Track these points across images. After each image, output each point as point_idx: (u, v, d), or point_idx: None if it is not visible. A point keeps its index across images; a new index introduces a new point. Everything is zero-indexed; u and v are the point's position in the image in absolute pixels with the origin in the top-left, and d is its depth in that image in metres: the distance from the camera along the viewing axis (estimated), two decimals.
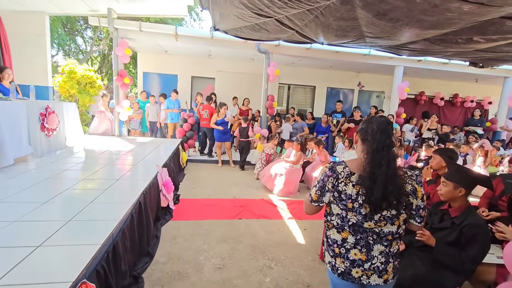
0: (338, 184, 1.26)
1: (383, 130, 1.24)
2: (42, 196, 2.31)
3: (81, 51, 15.74)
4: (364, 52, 7.04)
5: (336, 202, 1.27)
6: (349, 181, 1.24)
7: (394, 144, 1.25)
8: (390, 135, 1.24)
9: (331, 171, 1.29)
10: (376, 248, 1.26)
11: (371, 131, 1.25)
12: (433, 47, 4.42)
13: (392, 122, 1.29)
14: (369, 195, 1.19)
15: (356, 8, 3.16)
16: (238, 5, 3.53)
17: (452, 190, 1.74)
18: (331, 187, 1.27)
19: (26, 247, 1.56)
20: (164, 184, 3.41)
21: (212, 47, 6.96)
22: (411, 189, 1.24)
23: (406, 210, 1.24)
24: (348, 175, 1.25)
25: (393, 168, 1.20)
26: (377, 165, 1.19)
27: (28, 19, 5.65)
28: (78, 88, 6.60)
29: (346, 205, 1.24)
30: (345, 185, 1.24)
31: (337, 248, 1.31)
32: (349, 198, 1.23)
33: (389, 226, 1.24)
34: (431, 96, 10.59)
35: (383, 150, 1.21)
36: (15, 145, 3.13)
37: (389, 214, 1.22)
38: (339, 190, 1.25)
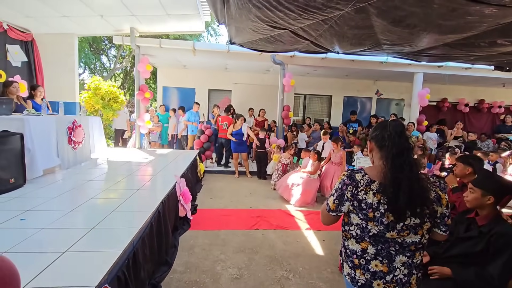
0: (358, 192, 1.20)
1: (401, 133, 1.20)
2: (68, 205, 2.42)
3: (105, 68, 16.65)
4: (381, 59, 6.95)
5: (355, 211, 1.21)
6: (370, 189, 1.18)
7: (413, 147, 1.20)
8: (407, 138, 1.21)
9: (349, 179, 1.23)
10: (398, 259, 1.19)
11: (388, 135, 1.20)
12: (454, 52, 4.29)
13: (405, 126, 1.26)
14: (394, 202, 1.13)
15: (371, 16, 3.16)
16: (253, 18, 3.63)
17: (479, 198, 1.65)
18: (350, 195, 1.21)
19: (54, 252, 1.63)
20: (182, 194, 3.47)
21: (228, 60, 7.14)
22: (435, 196, 1.18)
23: (430, 219, 1.18)
24: (368, 183, 1.20)
25: (416, 172, 1.16)
26: (399, 169, 1.14)
27: (59, 40, 6.10)
28: (103, 103, 6.96)
29: (366, 215, 1.18)
30: (365, 193, 1.18)
31: (357, 259, 1.24)
32: (369, 207, 1.17)
33: (412, 235, 1.18)
34: (455, 103, 10.19)
35: (403, 153, 1.16)
36: (44, 157, 3.32)
37: (412, 223, 1.15)
38: (359, 199, 1.19)
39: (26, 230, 1.91)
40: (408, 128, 6.92)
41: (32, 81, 5.71)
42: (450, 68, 7.26)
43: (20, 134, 2.89)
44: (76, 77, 6.43)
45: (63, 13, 5.06)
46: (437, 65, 7.08)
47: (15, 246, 1.68)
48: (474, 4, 2.38)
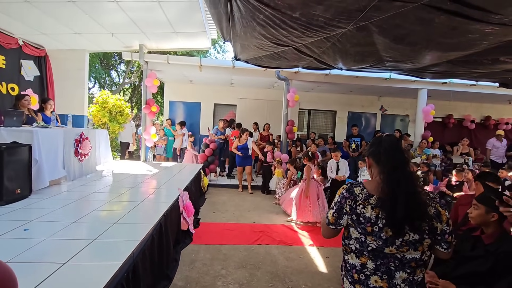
0: (356, 206, 1.20)
1: (395, 148, 1.23)
2: (72, 216, 2.43)
3: (115, 83, 17.10)
4: (385, 76, 7.02)
5: (354, 225, 1.20)
6: (368, 203, 1.18)
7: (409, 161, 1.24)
8: (402, 152, 1.23)
9: (348, 193, 1.23)
10: (398, 275, 1.17)
11: (383, 151, 1.23)
12: (457, 69, 4.32)
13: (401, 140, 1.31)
14: (392, 216, 1.12)
15: (372, 34, 3.22)
16: (257, 36, 3.73)
17: (483, 214, 1.61)
18: (348, 209, 1.21)
19: (54, 263, 1.63)
20: (184, 207, 3.46)
21: (233, 75, 7.29)
22: (434, 212, 1.17)
23: (430, 235, 1.16)
24: (366, 197, 1.20)
25: (413, 185, 1.16)
26: (396, 184, 1.14)
27: (70, 56, 6.33)
28: (109, 117, 7.11)
29: (365, 229, 1.17)
30: (363, 207, 1.18)
31: (356, 274, 1.23)
32: (368, 222, 1.17)
33: (412, 252, 1.16)
34: (460, 119, 10.13)
35: (398, 168, 1.18)
36: (51, 168, 3.38)
37: (411, 238, 1.14)
38: (357, 212, 1.19)
39: (29, 240, 1.93)
40: (421, 145, 6.86)
41: (43, 95, 5.89)
42: (454, 84, 7.28)
43: (29, 145, 2.96)
44: (85, 91, 6.62)
45: (75, 30, 5.28)
46: (441, 82, 7.11)
47: (16, 256, 1.69)
48: (475, 22, 2.43)
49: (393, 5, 2.40)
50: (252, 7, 2.85)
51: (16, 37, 5.30)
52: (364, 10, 2.60)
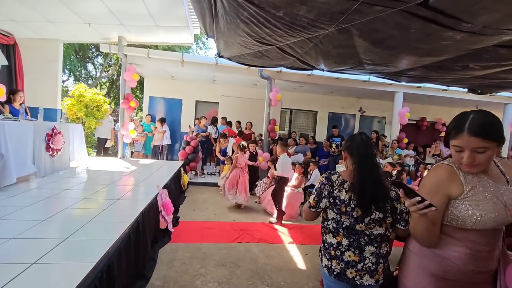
0: (333, 190, 1.44)
1: (364, 144, 1.49)
2: (41, 215, 2.30)
3: (91, 76, 16.37)
4: (364, 78, 7.23)
5: (331, 207, 1.45)
6: (343, 187, 1.43)
7: (375, 154, 1.51)
8: (370, 147, 1.50)
9: (326, 180, 1.48)
10: (367, 249, 1.41)
11: (355, 146, 1.50)
12: (431, 74, 4.53)
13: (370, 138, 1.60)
14: (361, 198, 1.37)
15: (353, 37, 3.31)
16: (241, 33, 3.71)
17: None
18: (327, 193, 1.46)
19: (21, 264, 1.54)
20: (163, 206, 3.38)
21: (216, 73, 7.21)
22: (395, 195, 1.44)
23: (392, 214, 1.42)
24: (341, 182, 1.45)
25: (378, 174, 1.43)
26: (364, 172, 1.40)
27: (43, 46, 5.97)
28: (86, 111, 6.78)
29: (340, 209, 1.42)
30: (339, 191, 1.43)
31: (333, 250, 1.45)
32: (342, 203, 1.41)
33: (378, 228, 1.41)
34: (433, 122, 10.66)
35: (367, 159, 1.44)
36: (19, 164, 3.18)
37: (377, 217, 1.39)
38: (334, 196, 1.44)
39: None
40: (392, 146, 7.14)
41: (11, 86, 5.51)
42: (428, 89, 7.64)
43: None
44: (59, 84, 6.27)
45: (48, 19, 4.98)
46: (416, 86, 7.44)
47: None
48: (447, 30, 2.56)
49: (373, 9, 2.47)
50: (236, 4, 2.83)
51: None
52: (346, 13, 2.66)
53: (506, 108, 8.43)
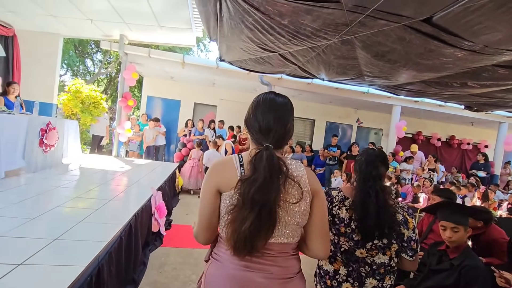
0: (333, 207, 1.28)
1: (370, 162, 1.29)
2: (31, 212, 2.23)
3: (89, 72, 16.25)
4: (363, 90, 7.30)
5: (329, 226, 1.25)
6: (343, 205, 1.27)
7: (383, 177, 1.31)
8: (377, 167, 1.28)
9: (326, 195, 1.30)
10: (368, 282, 1.23)
11: (360, 162, 1.33)
12: (429, 89, 4.58)
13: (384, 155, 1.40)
14: (362, 223, 1.20)
15: (356, 49, 3.33)
16: (244, 39, 3.72)
17: (463, 234, 1.63)
18: None
19: (6, 264, 1.47)
20: (157, 208, 3.32)
21: (216, 76, 7.21)
22: (402, 219, 1.24)
23: (398, 241, 1.23)
24: (342, 199, 1.29)
25: (382, 199, 1.22)
26: (365, 194, 1.22)
27: (43, 39, 5.91)
28: (82, 107, 6.69)
29: (338, 229, 1.25)
30: (339, 209, 1.27)
31: (329, 280, 1.28)
32: (342, 222, 1.25)
33: (381, 256, 1.22)
34: (428, 136, 10.79)
35: (369, 180, 1.25)
36: (8, 158, 3.09)
37: (380, 243, 1.21)
38: (332, 213, 1.27)
39: None
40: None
41: (8, 78, 5.42)
42: (425, 104, 7.74)
43: None
44: (56, 78, 6.20)
45: (50, 13, 4.94)
46: (414, 100, 7.53)
47: None
48: (449, 47, 2.60)
49: (378, 23, 2.50)
50: (242, 9, 2.83)
51: None
52: (350, 25, 2.68)
53: (500, 127, 8.57)
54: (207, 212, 0.98)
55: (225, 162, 0.99)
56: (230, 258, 0.96)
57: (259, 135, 0.98)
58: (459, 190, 5.22)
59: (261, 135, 0.98)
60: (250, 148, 1.03)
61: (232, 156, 1.00)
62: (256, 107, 1.03)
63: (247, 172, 0.91)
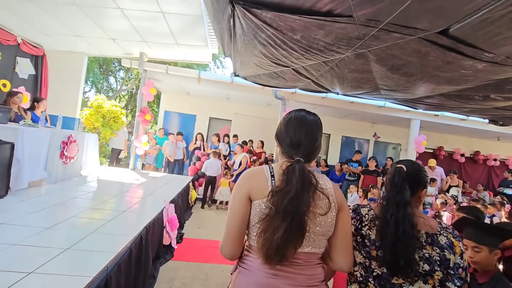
0: (362, 227, 1.15)
1: (394, 184, 1.10)
2: (47, 222, 2.29)
3: (112, 89, 17.05)
4: (380, 104, 7.16)
5: (358, 248, 1.14)
6: (374, 225, 1.12)
7: (409, 203, 1.09)
8: (402, 191, 1.08)
9: (354, 213, 1.19)
10: None
11: (389, 181, 1.14)
12: (450, 103, 4.42)
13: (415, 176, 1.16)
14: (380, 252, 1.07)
15: (370, 62, 3.29)
16: (258, 54, 3.78)
17: (488, 256, 1.48)
18: (354, 230, 1.15)
19: (19, 272, 1.50)
20: (169, 221, 3.33)
21: (231, 91, 7.34)
22: (446, 242, 1.06)
23: (442, 268, 1.03)
24: (373, 218, 1.14)
25: (403, 230, 1.03)
26: (384, 223, 1.07)
27: (69, 58, 6.31)
28: (103, 122, 6.99)
29: (369, 252, 1.11)
30: (369, 229, 1.13)
31: None
32: (373, 245, 1.10)
33: (421, 284, 1.04)
34: (451, 152, 10.33)
35: (391, 206, 1.07)
36: (32, 169, 3.24)
37: (420, 269, 1.03)
38: (362, 234, 1.14)
39: None
40: None
41: (36, 94, 5.79)
42: (446, 117, 7.47)
43: (11, 143, 2.84)
44: (80, 94, 6.55)
45: (76, 33, 5.28)
46: (433, 114, 7.29)
47: None
48: (468, 59, 2.51)
49: (391, 36, 2.47)
50: (254, 26, 2.89)
51: (15, 34, 5.27)
52: (364, 39, 2.66)
53: None
54: (237, 220, 1.00)
55: (257, 171, 1.05)
56: (259, 267, 0.98)
57: (290, 149, 1.04)
58: (485, 208, 4.89)
59: (292, 149, 1.03)
60: (280, 161, 1.07)
61: (263, 167, 1.05)
62: (288, 123, 1.09)
63: (279, 183, 0.95)
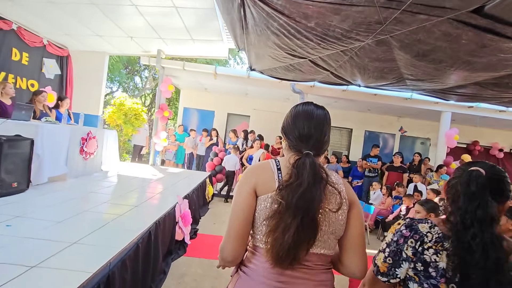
0: (424, 250, 0.84)
1: (472, 194, 0.82)
2: (59, 215, 2.34)
3: (137, 88, 17.63)
4: (406, 95, 6.71)
5: (418, 279, 0.84)
6: (442, 248, 0.83)
7: (496, 219, 0.80)
8: (485, 203, 0.80)
9: (410, 230, 0.88)
10: None
11: (457, 191, 0.86)
12: (485, 92, 4.01)
13: (499, 179, 0.83)
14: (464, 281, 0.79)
15: (393, 49, 3.04)
16: (271, 45, 3.64)
17: None
18: (411, 253, 0.86)
19: (21, 266, 1.51)
20: (182, 216, 3.31)
21: (248, 86, 7.24)
22: None
23: None
24: (439, 239, 0.84)
25: (497, 260, 0.76)
26: (466, 249, 0.79)
27: (91, 57, 6.55)
28: (124, 119, 7.21)
29: (437, 286, 0.81)
30: (435, 253, 0.83)
31: None
32: (442, 276, 0.80)
33: None
34: (487, 147, 9.52)
35: (472, 225, 0.79)
36: (52, 164, 3.35)
37: None
38: (424, 260, 0.84)
39: (6, 237, 1.83)
40: (440, 171, 6.33)
41: (62, 93, 6.06)
42: (482, 109, 6.84)
43: (31, 139, 2.95)
44: (102, 92, 6.78)
45: (96, 32, 5.43)
46: (467, 105, 6.71)
47: None
48: (508, 40, 2.21)
49: (416, 18, 2.23)
50: (265, 14, 2.75)
51: (41, 36, 5.53)
52: (385, 23, 2.44)
53: None
54: (242, 216, 0.93)
55: (262, 165, 0.99)
56: (263, 272, 0.91)
57: (298, 141, 0.97)
58: None
59: (300, 142, 0.97)
60: (286, 155, 1.01)
61: (268, 161, 1.00)
62: (295, 115, 1.01)
63: (288, 178, 0.88)
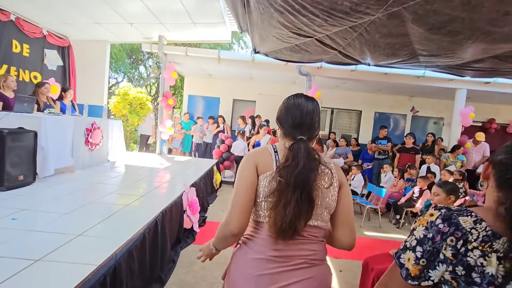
0: (467, 252, 0.67)
1: None
2: (66, 207, 2.32)
3: (142, 77, 17.53)
4: (418, 73, 6.41)
5: (457, 284, 0.67)
6: (491, 249, 0.65)
7: None
8: None
9: (448, 225, 0.70)
10: None
11: (505, 172, 0.69)
12: (505, 66, 3.77)
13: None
14: None
15: (406, 23, 2.84)
16: (276, 24, 3.45)
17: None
18: (451, 255, 0.68)
19: (26, 259, 1.49)
20: (189, 205, 3.29)
21: (253, 70, 7.04)
22: None
23: None
24: (487, 237, 0.66)
25: None
26: None
27: (92, 46, 6.44)
28: (129, 109, 7.16)
29: None
30: (482, 255, 0.65)
31: None
32: (490, 284, 0.64)
33: None
34: (505, 124, 9.14)
35: None
36: (58, 156, 3.34)
37: None
38: (468, 263, 0.66)
39: (12, 231, 1.82)
40: (456, 152, 6.12)
41: (65, 84, 6.02)
42: (499, 85, 6.48)
43: (34, 132, 2.92)
44: (105, 82, 6.71)
45: (96, 20, 5.30)
46: (483, 81, 6.37)
47: None
48: None
49: None
50: None
51: (40, 27, 5.43)
52: None
53: None
54: (246, 190, 1.02)
55: (260, 149, 1.11)
56: (262, 241, 1.03)
57: (292, 129, 1.09)
58: None
59: (293, 129, 1.08)
60: (281, 141, 1.13)
61: (266, 146, 1.12)
62: (288, 106, 1.14)
63: (285, 160, 0.99)
